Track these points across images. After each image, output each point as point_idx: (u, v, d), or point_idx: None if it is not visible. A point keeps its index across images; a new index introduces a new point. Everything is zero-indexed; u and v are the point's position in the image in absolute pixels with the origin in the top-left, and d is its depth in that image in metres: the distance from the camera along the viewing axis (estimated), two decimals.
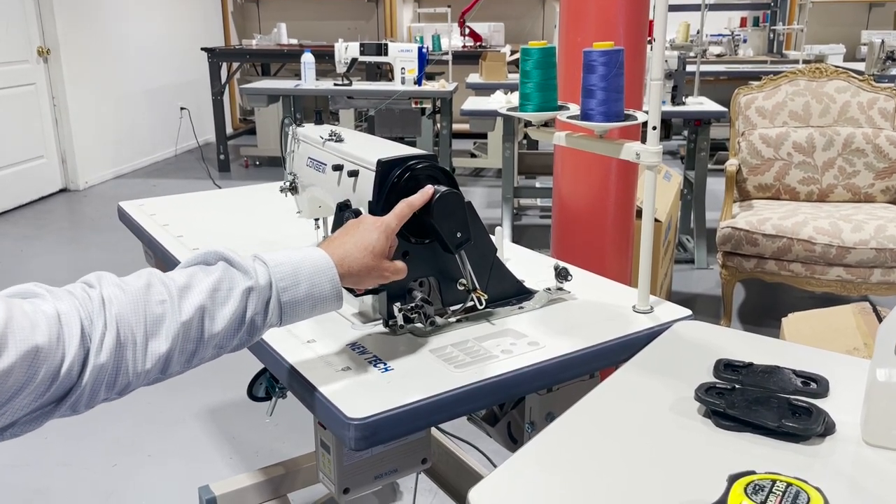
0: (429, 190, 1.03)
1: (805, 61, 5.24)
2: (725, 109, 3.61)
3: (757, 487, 0.63)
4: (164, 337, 0.82)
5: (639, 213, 2.04)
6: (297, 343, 1.03)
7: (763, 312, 3.35)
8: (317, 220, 1.40)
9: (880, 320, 1.76)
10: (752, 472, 0.66)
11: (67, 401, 0.76)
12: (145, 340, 0.81)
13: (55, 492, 2.11)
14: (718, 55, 6.47)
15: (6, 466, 2.22)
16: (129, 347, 0.80)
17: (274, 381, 1.46)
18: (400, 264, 0.99)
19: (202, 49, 6.04)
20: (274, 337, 1.04)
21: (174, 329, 0.83)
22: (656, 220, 2.84)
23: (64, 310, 0.78)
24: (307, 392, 0.92)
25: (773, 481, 0.64)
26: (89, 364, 0.77)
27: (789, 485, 0.63)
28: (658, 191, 3.09)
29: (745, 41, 6.76)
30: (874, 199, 3.21)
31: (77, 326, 0.77)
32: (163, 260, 1.47)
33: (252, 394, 1.47)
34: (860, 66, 5.11)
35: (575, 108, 1.18)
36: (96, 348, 0.78)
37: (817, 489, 0.63)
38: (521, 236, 4.34)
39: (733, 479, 0.65)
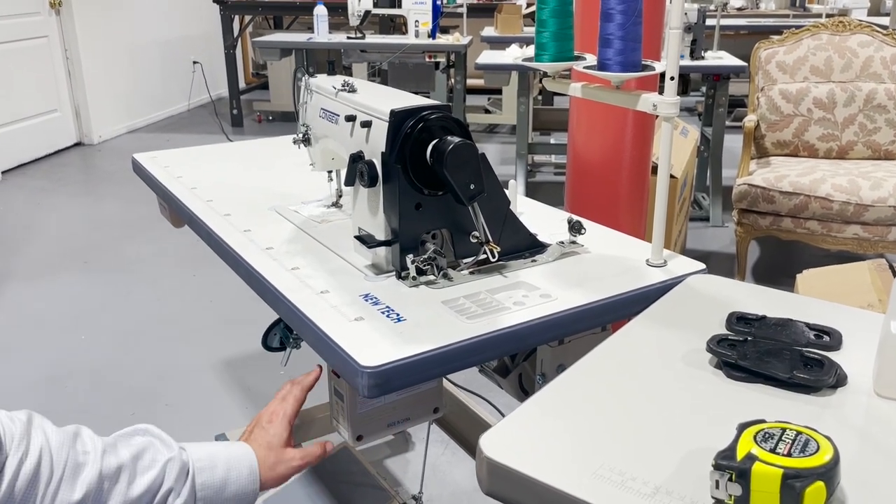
0: (316, 371, 1.11)
1: (828, 15, 5.12)
2: (745, 64, 3.54)
3: (767, 435, 0.63)
4: (79, 486, 0.79)
5: (654, 170, 2.02)
6: (310, 293, 1.03)
7: (777, 270, 3.34)
8: (330, 172, 1.40)
9: None
10: (762, 421, 0.66)
11: None
12: (59, 484, 0.78)
13: None
14: (739, 9, 6.32)
15: None
16: (42, 483, 0.76)
17: (288, 332, 1.48)
18: (310, 448, 1.03)
19: (214, 1, 5.98)
20: (288, 287, 1.05)
21: (91, 480, 0.80)
22: (672, 176, 2.82)
23: None
24: (321, 341, 0.93)
25: (783, 429, 0.64)
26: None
27: (799, 433, 0.64)
28: (674, 147, 3.05)
29: None
30: (894, 156, 3.16)
31: None
32: (177, 211, 1.48)
33: (267, 344, 1.49)
34: (885, 21, 4.99)
35: (592, 59, 1.16)
36: (12, 473, 0.74)
37: (827, 438, 0.63)
38: (535, 193, 4.32)
39: (743, 427, 0.65)
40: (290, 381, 1.10)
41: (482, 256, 1.09)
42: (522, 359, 1.26)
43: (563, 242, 1.19)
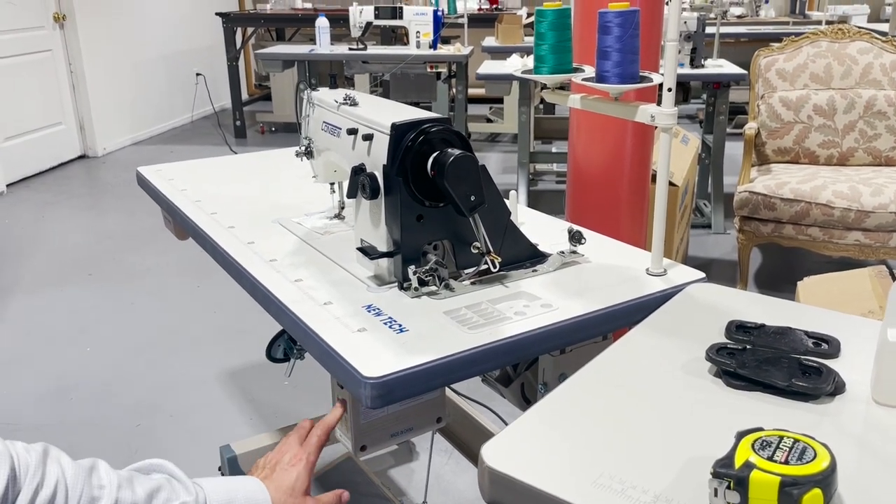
0: (339, 409, 1.08)
1: (828, 22, 5.13)
2: (745, 72, 3.56)
3: (764, 443, 0.64)
4: None
5: (654, 178, 2.02)
6: (313, 305, 1.05)
7: (779, 277, 3.34)
8: (332, 184, 1.41)
9: None
10: (760, 429, 0.67)
11: None
12: None
13: (80, 450, 2.17)
14: (739, 16, 6.35)
15: (34, 427, 2.28)
16: None
17: (292, 343, 1.49)
18: (326, 498, 1.00)
19: (217, 14, 6.02)
20: (291, 298, 1.06)
21: None
22: (672, 184, 2.83)
23: None
24: (324, 352, 0.94)
25: (781, 437, 0.65)
26: None
27: (796, 441, 0.64)
28: (675, 155, 3.06)
29: (766, 2, 6.62)
30: (895, 162, 3.17)
31: (6, 468, 0.74)
32: (181, 224, 1.49)
33: (271, 355, 1.50)
34: (884, 28, 5.01)
35: (590, 70, 1.17)
36: (28, 500, 0.74)
37: (824, 445, 0.64)
38: (537, 202, 4.33)
39: (741, 435, 0.66)
40: (315, 421, 1.08)
41: (483, 267, 1.11)
42: (525, 368, 1.27)
43: (563, 252, 1.20)
